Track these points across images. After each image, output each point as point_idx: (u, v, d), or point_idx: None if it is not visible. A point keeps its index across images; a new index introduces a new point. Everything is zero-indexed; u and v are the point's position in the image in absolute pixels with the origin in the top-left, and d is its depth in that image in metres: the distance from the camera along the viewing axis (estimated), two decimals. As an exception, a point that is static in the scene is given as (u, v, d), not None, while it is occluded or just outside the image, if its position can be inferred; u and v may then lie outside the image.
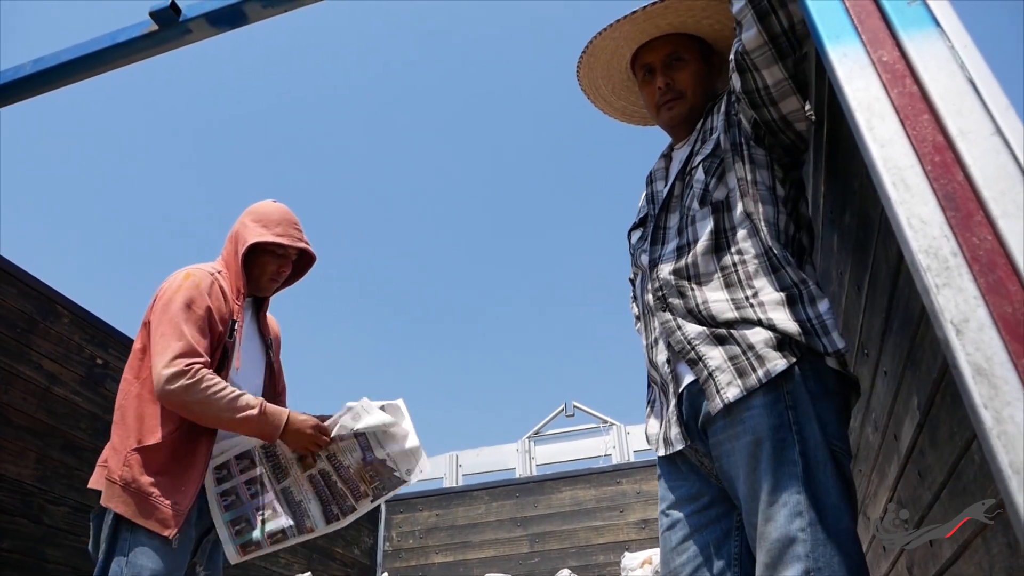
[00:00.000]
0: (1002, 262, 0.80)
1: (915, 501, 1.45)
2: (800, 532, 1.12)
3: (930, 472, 1.30)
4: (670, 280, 1.39)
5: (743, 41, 1.30)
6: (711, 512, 1.36)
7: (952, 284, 0.80)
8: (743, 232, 1.37)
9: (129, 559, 1.86)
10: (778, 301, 1.28)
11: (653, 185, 1.65)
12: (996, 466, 0.69)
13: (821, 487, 1.15)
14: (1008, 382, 0.72)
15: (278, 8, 1.82)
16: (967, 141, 0.89)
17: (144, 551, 1.87)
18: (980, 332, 0.76)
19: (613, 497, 5.16)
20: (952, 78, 0.96)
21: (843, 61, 1.03)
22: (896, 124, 0.95)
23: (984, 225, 0.83)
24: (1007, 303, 0.77)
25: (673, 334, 1.35)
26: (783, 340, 1.24)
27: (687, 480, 1.40)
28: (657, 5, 1.54)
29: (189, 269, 2.14)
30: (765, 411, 1.20)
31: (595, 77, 1.76)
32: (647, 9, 1.55)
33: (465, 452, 7.81)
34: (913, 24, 1.03)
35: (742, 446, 1.22)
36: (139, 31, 1.96)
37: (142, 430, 1.96)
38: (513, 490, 5.47)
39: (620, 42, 1.65)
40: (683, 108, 1.59)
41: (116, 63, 2.01)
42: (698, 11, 1.56)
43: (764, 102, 1.34)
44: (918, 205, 0.87)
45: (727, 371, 1.25)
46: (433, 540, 5.45)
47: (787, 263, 1.33)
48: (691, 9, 1.56)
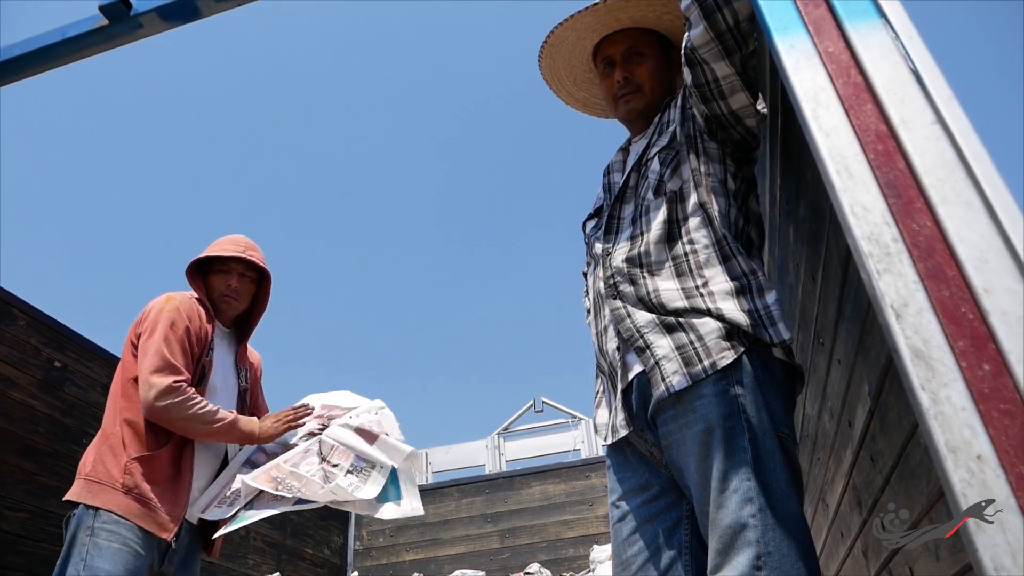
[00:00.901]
0: (940, 248, 0.81)
1: (868, 485, 1.48)
2: (751, 518, 1.14)
3: (881, 457, 1.32)
4: (622, 268, 1.41)
5: (691, 37, 1.31)
6: (660, 502, 1.37)
7: (893, 269, 0.81)
8: (695, 222, 1.39)
9: (87, 563, 1.95)
10: (727, 291, 1.30)
11: (610, 176, 1.67)
12: (933, 446, 0.71)
13: (770, 473, 1.17)
14: (945, 364, 0.74)
15: (231, 2, 1.80)
16: (908, 130, 0.91)
17: (105, 554, 1.96)
18: (919, 316, 0.78)
19: (582, 491, 5.18)
20: (895, 68, 0.98)
21: (790, 52, 1.05)
22: (841, 114, 0.96)
23: (924, 212, 0.85)
24: (945, 287, 0.79)
25: (623, 322, 1.37)
26: (731, 330, 1.26)
27: (636, 471, 1.42)
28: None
29: (172, 293, 2.32)
30: (715, 400, 1.22)
31: (557, 68, 1.78)
32: (608, 2, 1.57)
33: (435, 449, 7.79)
34: (858, 15, 1.05)
35: (693, 435, 1.23)
36: (89, 26, 1.91)
37: (140, 442, 2.12)
38: (483, 486, 5.48)
39: (582, 33, 1.67)
40: (640, 102, 1.61)
41: (65, 59, 1.96)
42: (659, 7, 1.58)
43: (714, 96, 1.36)
44: (861, 193, 0.89)
45: (673, 360, 1.27)
46: (403, 538, 5.44)
47: (738, 253, 1.35)
48: (652, 5, 1.58)
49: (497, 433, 7.86)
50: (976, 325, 0.75)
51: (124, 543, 1.99)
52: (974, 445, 0.69)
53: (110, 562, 1.95)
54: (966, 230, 0.81)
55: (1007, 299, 0.75)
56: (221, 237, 2.45)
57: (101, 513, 2.01)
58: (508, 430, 8.02)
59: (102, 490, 2.05)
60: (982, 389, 0.72)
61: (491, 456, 7.59)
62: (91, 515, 2.02)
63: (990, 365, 0.73)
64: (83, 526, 2.01)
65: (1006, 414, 0.70)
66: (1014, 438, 0.69)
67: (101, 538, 1.98)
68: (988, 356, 0.73)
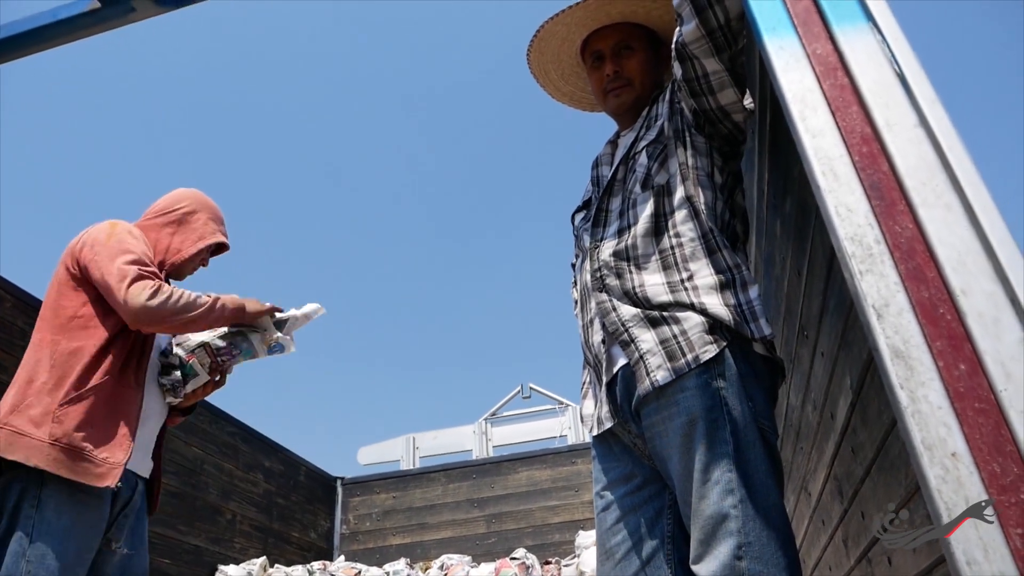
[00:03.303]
0: (921, 249, 0.84)
1: (849, 476, 1.51)
2: (732, 509, 1.17)
3: (862, 449, 1.35)
4: (609, 261, 1.43)
5: (682, 33, 1.33)
6: (644, 492, 1.40)
7: (875, 270, 0.84)
8: (682, 215, 1.41)
9: (33, 537, 1.76)
10: (711, 285, 1.32)
11: (599, 169, 1.68)
12: (910, 443, 0.73)
13: (751, 465, 1.20)
14: (923, 363, 0.77)
15: (224, -11, 1.80)
16: (892, 132, 0.93)
17: (52, 523, 1.77)
18: (899, 316, 0.80)
19: (568, 477, 5.23)
20: (880, 71, 1.00)
21: (779, 53, 1.07)
22: (827, 115, 0.98)
23: (906, 214, 0.87)
24: (924, 288, 0.81)
25: (608, 315, 1.39)
26: (714, 325, 1.28)
27: (620, 461, 1.44)
28: None
29: (113, 221, 2.10)
30: (698, 392, 1.24)
31: (545, 62, 1.79)
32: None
33: (422, 434, 7.83)
34: (846, 18, 1.06)
35: (676, 427, 1.26)
36: (80, 8, 1.90)
37: (68, 383, 1.87)
38: (470, 471, 5.51)
39: (571, 28, 1.68)
40: (629, 96, 1.62)
41: (56, 41, 1.96)
42: (648, 2, 1.59)
43: (703, 91, 1.38)
44: (845, 194, 0.91)
45: (657, 354, 1.29)
46: (390, 522, 5.47)
47: (724, 246, 1.38)
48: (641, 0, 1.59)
49: (484, 419, 7.90)
50: (953, 326, 0.78)
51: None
52: (949, 443, 0.72)
53: (57, 539, 1.75)
54: (945, 232, 0.83)
55: (983, 300, 0.78)
56: (206, 197, 2.28)
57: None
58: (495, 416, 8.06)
59: (30, 445, 1.79)
60: (958, 388, 0.74)
61: (478, 441, 7.64)
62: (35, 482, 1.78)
63: (966, 365, 0.75)
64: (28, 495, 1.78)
65: (980, 412, 0.73)
66: (987, 436, 0.72)
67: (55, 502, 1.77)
68: (964, 356, 0.76)
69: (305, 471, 5.31)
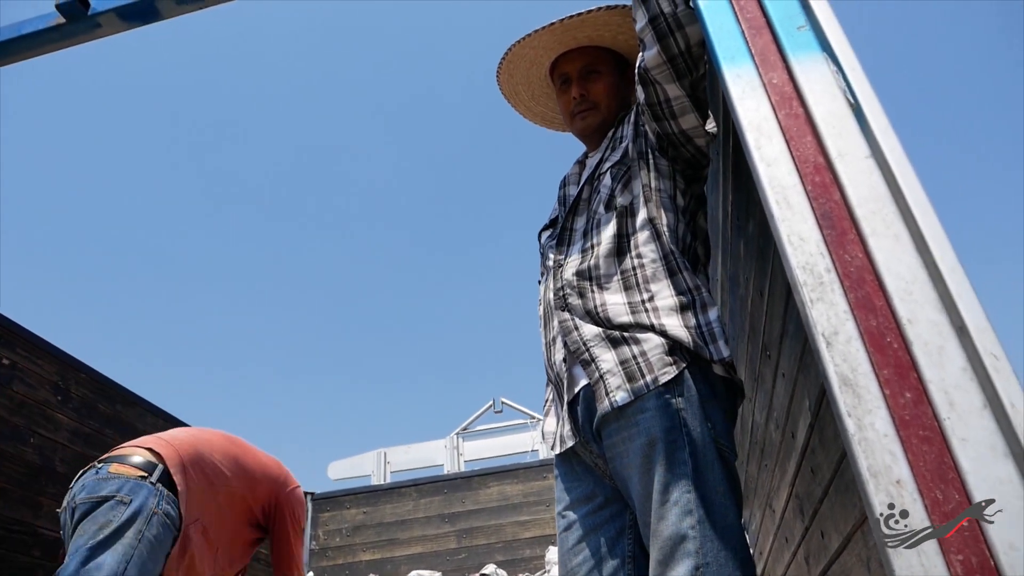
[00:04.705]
0: (870, 278, 0.86)
1: (809, 496, 1.53)
2: (690, 530, 1.18)
3: (820, 469, 1.37)
4: (572, 280, 1.44)
5: (645, 58, 1.35)
6: (605, 512, 1.40)
7: (825, 299, 0.85)
8: (644, 236, 1.42)
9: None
10: (672, 307, 1.34)
11: (566, 188, 1.70)
12: (857, 470, 0.75)
13: (709, 485, 1.21)
14: (870, 391, 0.78)
15: (192, 5, 1.79)
16: (844, 162, 0.95)
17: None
18: (848, 344, 0.81)
19: (539, 492, 5.22)
20: (834, 101, 1.02)
21: (737, 81, 1.09)
22: (782, 144, 1.00)
23: (856, 243, 0.89)
24: (873, 317, 0.83)
25: (570, 334, 1.40)
26: (674, 346, 1.30)
27: (582, 481, 1.45)
28: (575, 18, 1.59)
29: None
30: (658, 413, 1.25)
31: (515, 83, 1.81)
32: (564, 22, 1.60)
33: (393, 449, 7.77)
34: (801, 48, 1.09)
35: (636, 447, 1.27)
36: (44, 23, 1.88)
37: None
38: (441, 486, 5.48)
39: (539, 51, 1.70)
40: (595, 119, 1.64)
41: (19, 55, 1.93)
42: (614, 27, 1.62)
43: (665, 115, 1.40)
44: (798, 223, 0.92)
45: (617, 375, 1.30)
46: (360, 538, 5.42)
47: (684, 268, 1.39)
48: (607, 24, 1.61)
49: (456, 433, 7.87)
50: (900, 354, 0.80)
51: None
52: (894, 470, 0.73)
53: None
54: (894, 262, 0.85)
55: (928, 330, 0.80)
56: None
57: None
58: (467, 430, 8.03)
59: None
60: (903, 416, 0.76)
61: (450, 456, 7.60)
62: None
63: (911, 393, 0.77)
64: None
65: (924, 440, 0.74)
66: (931, 464, 0.73)
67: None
68: (910, 384, 0.78)
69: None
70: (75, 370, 3.44)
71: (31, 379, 3.21)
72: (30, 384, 3.19)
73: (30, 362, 3.22)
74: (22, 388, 3.15)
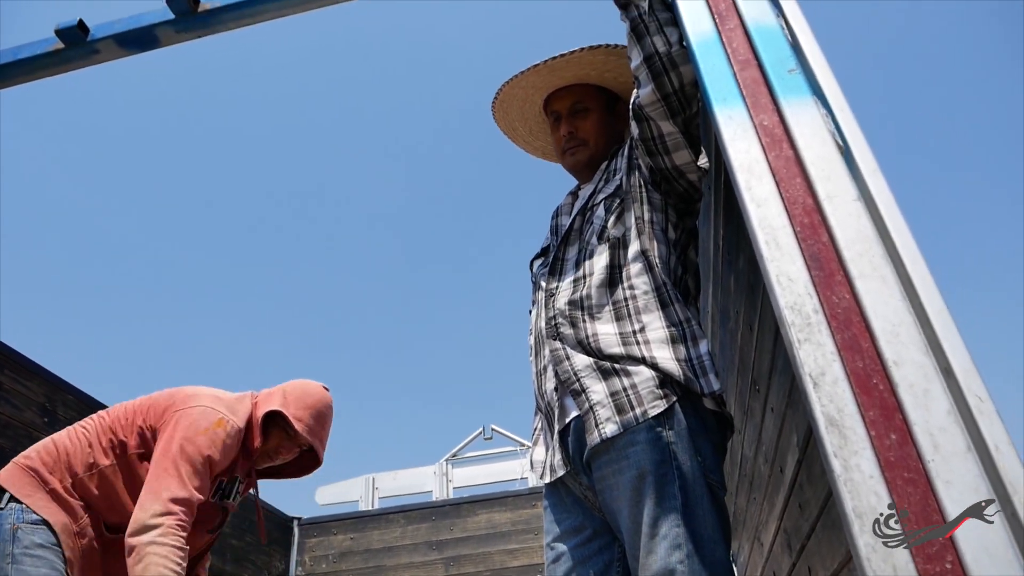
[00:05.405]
0: (857, 320, 0.87)
1: (797, 531, 1.53)
2: (679, 564, 1.18)
3: (808, 505, 1.38)
4: (564, 310, 1.45)
5: (639, 95, 1.38)
6: (594, 544, 1.40)
7: (812, 339, 0.87)
8: (636, 268, 1.44)
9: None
10: (663, 339, 1.35)
11: (558, 219, 1.72)
12: (842, 510, 0.76)
13: (698, 520, 1.22)
14: (856, 432, 0.79)
15: (191, 34, 1.81)
16: (832, 204, 0.97)
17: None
18: (834, 385, 0.83)
19: (528, 520, 5.19)
20: (824, 144, 1.04)
21: (728, 123, 1.11)
22: (772, 186, 1.02)
23: (843, 284, 0.90)
24: (859, 358, 0.84)
25: (561, 363, 1.41)
26: (665, 379, 1.31)
27: (571, 513, 1.45)
28: (559, 59, 1.63)
29: (225, 416, 2.05)
30: (648, 447, 1.26)
31: (511, 120, 1.85)
32: (548, 63, 1.65)
33: (382, 474, 7.71)
34: (792, 91, 1.11)
35: (626, 480, 1.27)
36: (43, 48, 1.90)
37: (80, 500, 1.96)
38: (429, 513, 5.44)
39: (529, 90, 1.74)
40: (584, 155, 1.67)
41: (16, 80, 1.93)
42: (599, 65, 1.65)
43: (658, 151, 1.42)
44: (787, 263, 0.94)
45: (607, 407, 1.31)
46: (347, 564, 5.36)
47: (676, 300, 1.41)
48: (592, 64, 1.65)
49: (446, 459, 7.82)
50: (886, 396, 0.81)
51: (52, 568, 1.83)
52: (879, 511, 0.74)
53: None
54: (880, 304, 0.87)
55: (914, 371, 0.81)
56: (313, 387, 2.25)
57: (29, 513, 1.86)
58: (457, 456, 7.99)
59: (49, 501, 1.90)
60: (889, 457, 0.77)
61: (438, 482, 7.55)
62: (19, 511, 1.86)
63: (896, 435, 0.78)
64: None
65: (909, 482, 0.75)
66: (916, 505, 0.74)
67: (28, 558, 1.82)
68: (895, 426, 0.79)
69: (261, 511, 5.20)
70: (63, 391, 3.42)
71: (17, 400, 3.18)
72: (16, 405, 3.17)
73: (17, 383, 3.20)
74: (8, 409, 3.12)
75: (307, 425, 2.16)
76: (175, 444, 1.94)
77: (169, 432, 1.98)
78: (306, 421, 2.16)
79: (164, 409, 2.05)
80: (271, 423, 2.18)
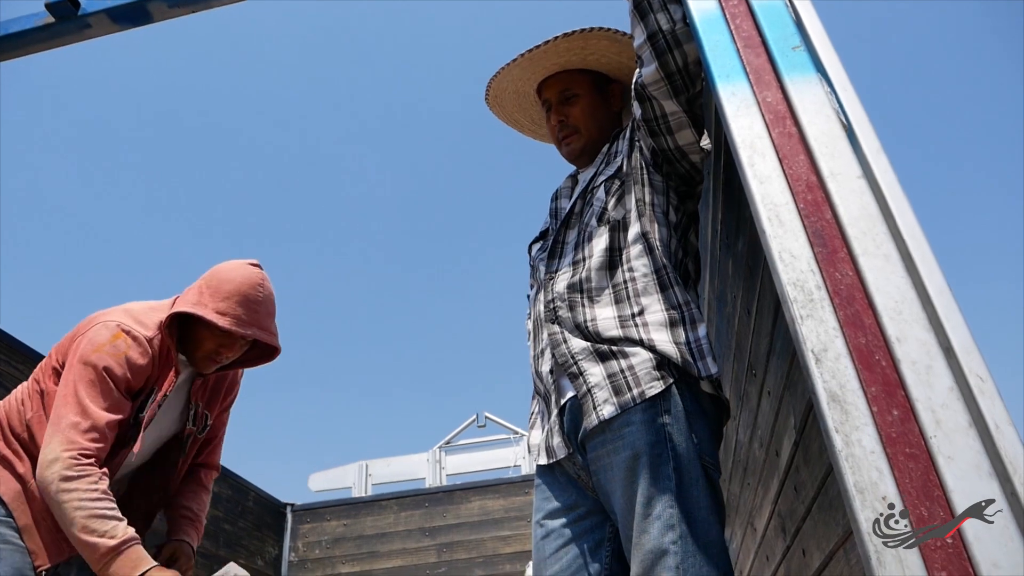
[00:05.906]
0: (860, 296, 0.86)
1: (792, 514, 1.53)
2: (672, 544, 1.18)
3: (804, 487, 1.38)
4: (563, 293, 1.44)
5: (642, 74, 1.36)
6: (586, 522, 1.40)
7: (815, 315, 0.86)
8: (636, 250, 1.43)
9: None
10: (661, 322, 1.35)
11: (558, 201, 1.71)
12: (844, 486, 0.75)
13: (693, 501, 1.21)
14: (858, 408, 0.79)
15: (184, 8, 1.78)
16: (836, 182, 0.96)
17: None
18: (837, 361, 0.82)
19: (521, 507, 5.20)
20: (828, 121, 1.03)
21: (731, 99, 1.10)
22: (775, 162, 1.01)
23: (847, 261, 0.90)
24: (862, 335, 0.83)
25: (559, 347, 1.40)
26: (662, 362, 1.30)
27: (564, 491, 1.44)
28: (536, 51, 1.63)
29: (124, 326, 1.85)
30: (643, 427, 1.26)
31: (511, 112, 1.84)
32: (527, 55, 1.65)
33: (375, 461, 7.72)
34: (796, 68, 1.10)
35: (620, 460, 1.27)
36: (33, 23, 1.87)
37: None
38: (422, 499, 5.45)
39: (518, 82, 1.73)
40: (579, 144, 1.67)
41: (6, 55, 1.91)
42: (578, 50, 1.64)
43: (661, 131, 1.41)
44: (790, 240, 0.93)
45: (604, 388, 1.30)
46: (340, 550, 5.37)
47: (675, 283, 1.40)
48: (571, 50, 1.64)
49: (439, 447, 7.83)
50: (888, 372, 0.80)
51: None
52: (880, 487, 0.74)
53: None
54: (883, 281, 0.86)
55: (917, 348, 0.80)
56: (231, 269, 1.95)
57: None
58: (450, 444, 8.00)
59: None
60: (890, 433, 0.77)
61: (432, 470, 7.56)
62: None
63: (899, 411, 0.78)
64: None
65: (911, 458, 0.75)
66: (917, 481, 0.74)
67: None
68: (897, 402, 0.78)
69: (254, 497, 5.20)
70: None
71: (10, 384, 3.17)
72: (7, 387, 3.15)
73: (10, 366, 3.18)
74: (2, 393, 3.11)
75: (234, 318, 1.87)
76: (73, 370, 1.79)
77: (70, 359, 1.82)
78: (231, 313, 1.87)
79: (71, 339, 1.89)
80: (199, 324, 1.91)
